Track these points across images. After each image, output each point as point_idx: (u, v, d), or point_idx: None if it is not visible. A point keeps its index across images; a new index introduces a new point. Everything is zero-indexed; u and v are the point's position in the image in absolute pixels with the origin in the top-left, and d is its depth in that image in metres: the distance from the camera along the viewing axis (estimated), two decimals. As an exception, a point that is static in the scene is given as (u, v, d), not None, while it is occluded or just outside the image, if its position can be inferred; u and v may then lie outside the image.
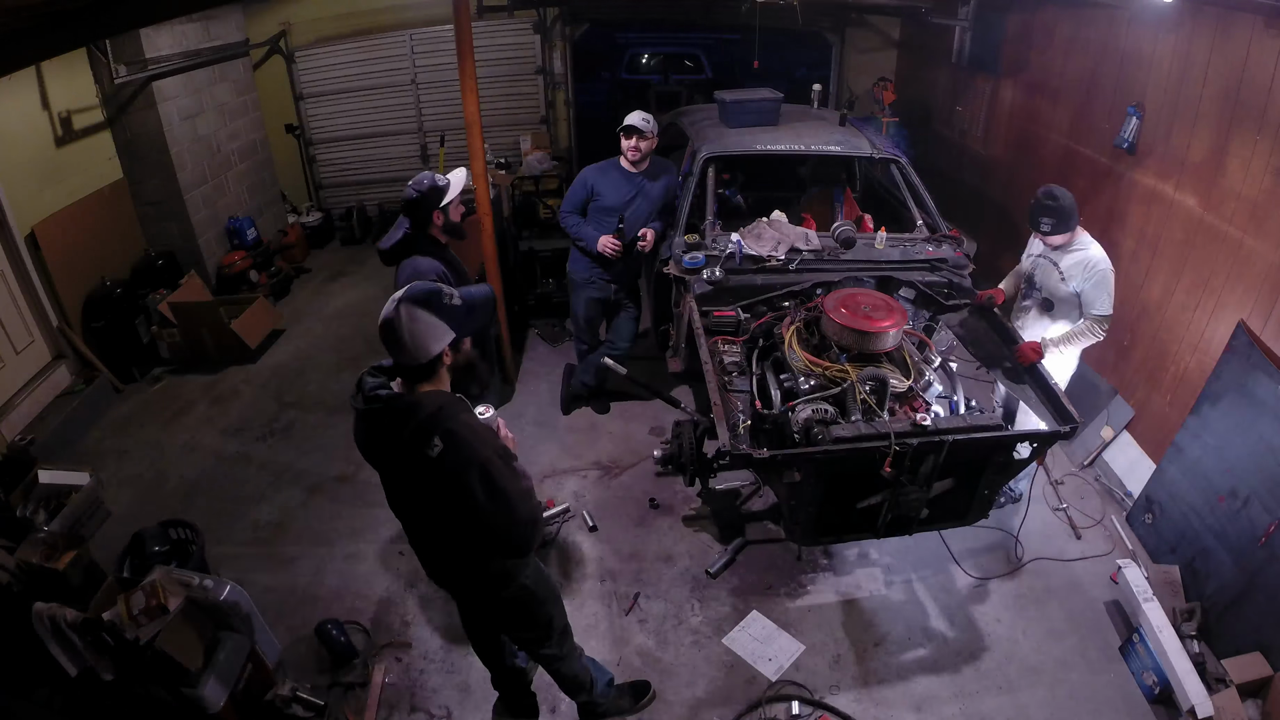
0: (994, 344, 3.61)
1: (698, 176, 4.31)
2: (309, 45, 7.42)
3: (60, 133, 5.09)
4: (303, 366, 5.52)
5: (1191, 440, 3.48)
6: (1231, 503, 3.20)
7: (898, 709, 3.03)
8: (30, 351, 4.82)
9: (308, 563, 3.76)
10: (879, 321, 3.16)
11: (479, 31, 5.41)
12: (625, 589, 3.57)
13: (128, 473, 4.40)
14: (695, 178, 4.30)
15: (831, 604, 3.49)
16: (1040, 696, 3.05)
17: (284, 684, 3.04)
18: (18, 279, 4.73)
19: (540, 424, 4.77)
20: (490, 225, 4.55)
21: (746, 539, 3.80)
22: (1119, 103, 4.13)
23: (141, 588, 2.68)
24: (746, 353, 3.57)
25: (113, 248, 5.51)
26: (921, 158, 7.06)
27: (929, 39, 6.81)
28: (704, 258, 3.93)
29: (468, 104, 4.11)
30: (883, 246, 4.08)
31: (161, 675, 2.60)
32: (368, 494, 4.21)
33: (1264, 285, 3.22)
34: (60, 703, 2.84)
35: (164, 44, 5.63)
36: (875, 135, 4.86)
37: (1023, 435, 2.97)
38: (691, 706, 3.05)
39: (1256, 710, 2.88)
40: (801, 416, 2.99)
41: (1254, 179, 3.27)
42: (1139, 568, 3.33)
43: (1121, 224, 4.20)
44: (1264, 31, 3.16)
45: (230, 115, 6.66)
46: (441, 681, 3.16)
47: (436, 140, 7.24)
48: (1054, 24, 4.87)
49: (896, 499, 2.93)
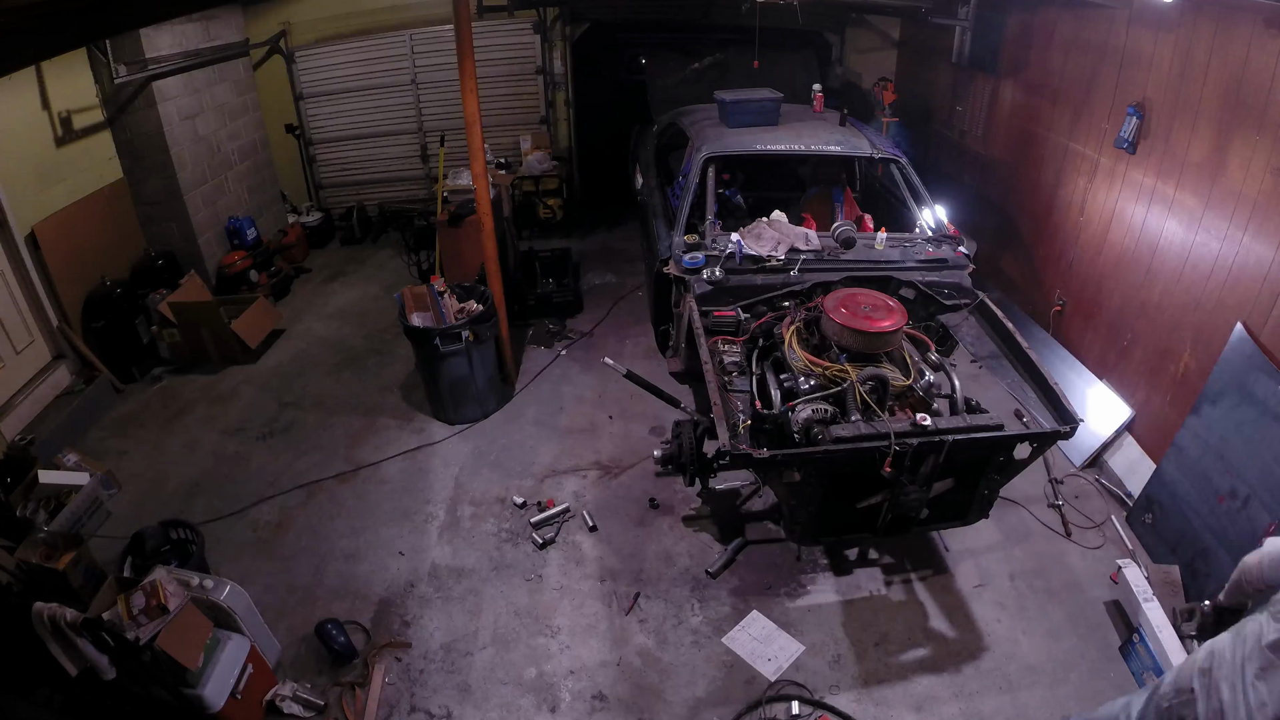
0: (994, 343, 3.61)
1: (698, 176, 4.31)
2: (309, 45, 7.42)
3: (60, 133, 5.09)
4: (303, 366, 5.51)
5: (1191, 440, 3.48)
6: (1231, 503, 3.20)
7: (898, 709, 3.03)
8: (30, 351, 4.82)
9: (308, 563, 3.76)
10: (879, 321, 3.17)
11: (479, 31, 5.42)
12: (625, 589, 3.57)
13: (128, 473, 4.40)
14: (695, 178, 4.30)
15: (831, 604, 3.49)
16: (1040, 696, 3.05)
17: (284, 684, 3.05)
18: (18, 279, 4.73)
19: (540, 424, 4.77)
20: (490, 225, 4.55)
21: (746, 539, 3.80)
22: (1119, 103, 4.13)
23: (141, 588, 2.68)
24: (746, 353, 3.58)
25: (113, 248, 5.51)
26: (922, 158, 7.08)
27: (929, 39, 6.81)
28: (704, 258, 3.93)
29: (468, 104, 4.11)
30: (883, 247, 4.08)
31: (161, 675, 2.60)
32: (368, 494, 4.21)
33: (1264, 286, 3.22)
34: (60, 703, 2.84)
35: (164, 44, 5.63)
36: (875, 135, 4.86)
37: (1023, 435, 2.97)
38: (691, 706, 3.05)
39: (1256, 710, 2.88)
40: (801, 416, 2.99)
41: (1254, 179, 3.27)
42: (1139, 568, 3.33)
43: (1122, 224, 4.20)
44: (1264, 31, 3.16)
45: (230, 115, 6.66)
46: (441, 681, 3.16)
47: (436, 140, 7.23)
48: (1054, 24, 4.87)
49: (896, 499, 2.94)
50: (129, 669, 2.60)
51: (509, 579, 3.65)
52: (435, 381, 4.62)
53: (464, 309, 4.56)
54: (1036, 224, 5.14)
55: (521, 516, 4.00)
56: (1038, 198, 5.11)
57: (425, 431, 4.71)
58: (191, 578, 2.91)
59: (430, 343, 4.36)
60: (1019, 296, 5.40)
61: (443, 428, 4.74)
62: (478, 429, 4.72)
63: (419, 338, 4.41)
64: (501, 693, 3.11)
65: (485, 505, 4.11)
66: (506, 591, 3.58)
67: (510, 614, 3.46)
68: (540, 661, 3.24)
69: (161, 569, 2.81)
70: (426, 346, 4.41)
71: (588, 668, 3.21)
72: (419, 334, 4.38)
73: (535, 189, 7.27)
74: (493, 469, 4.39)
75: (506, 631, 3.38)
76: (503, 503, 4.11)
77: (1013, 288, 5.52)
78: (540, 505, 4.04)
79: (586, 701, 3.08)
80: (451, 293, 4.61)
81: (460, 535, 3.92)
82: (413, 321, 4.41)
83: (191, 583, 2.87)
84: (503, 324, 4.78)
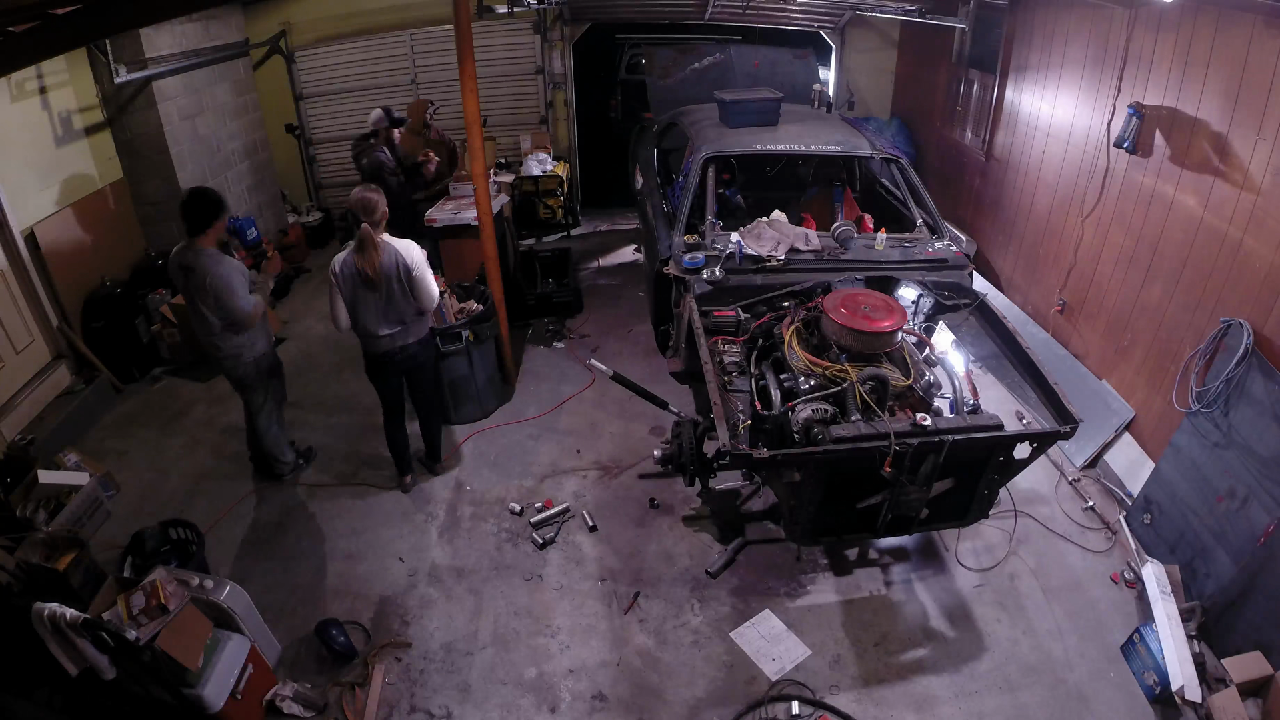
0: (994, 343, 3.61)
1: (698, 176, 4.30)
2: (309, 45, 7.42)
3: (60, 133, 5.09)
4: (302, 366, 5.51)
5: (1190, 440, 3.48)
6: (1230, 503, 3.20)
7: (898, 709, 3.03)
8: (30, 351, 4.82)
9: (308, 563, 3.76)
10: (879, 321, 3.17)
11: (479, 31, 5.41)
12: (625, 589, 3.57)
13: (128, 473, 4.40)
14: (695, 178, 4.30)
15: (831, 604, 3.49)
16: (1040, 696, 3.05)
17: (284, 684, 3.04)
18: (18, 279, 4.73)
19: (540, 424, 4.77)
20: (490, 225, 4.55)
21: (746, 539, 3.80)
22: (1119, 103, 4.13)
23: (141, 588, 2.68)
24: (746, 353, 3.57)
25: (113, 248, 5.51)
26: (921, 158, 7.08)
27: (929, 39, 6.82)
28: (704, 258, 3.93)
29: (468, 104, 4.11)
30: (883, 247, 4.08)
31: (161, 675, 2.60)
32: (368, 494, 4.21)
33: (1264, 285, 3.22)
34: (60, 703, 2.83)
35: (164, 44, 5.63)
36: (875, 135, 4.86)
37: (1022, 435, 2.97)
38: (691, 706, 3.05)
39: (1257, 710, 2.88)
40: (801, 416, 2.99)
41: (1254, 179, 3.27)
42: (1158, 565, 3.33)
43: (1122, 224, 4.20)
44: (1264, 31, 3.16)
45: (230, 115, 6.66)
46: (441, 681, 3.16)
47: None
48: (1053, 23, 4.88)
49: (896, 499, 2.93)
50: (129, 669, 2.59)
51: (509, 579, 3.65)
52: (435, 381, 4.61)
53: (464, 309, 4.56)
54: (1037, 224, 5.15)
55: (521, 517, 4.00)
56: (1038, 197, 5.11)
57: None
58: (191, 578, 2.91)
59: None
60: (1019, 296, 5.40)
61: (442, 427, 4.74)
62: (477, 428, 4.72)
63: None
64: (501, 693, 3.11)
65: (485, 505, 4.11)
66: (506, 591, 3.58)
67: (510, 614, 3.46)
68: (540, 661, 3.24)
69: (161, 569, 2.81)
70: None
71: (588, 668, 3.21)
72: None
73: (535, 189, 7.27)
74: (493, 469, 4.39)
75: (506, 631, 3.38)
76: (502, 503, 4.11)
77: (1013, 288, 5.52)
78: (539, 506, 4.04)
79: (586, 701, 3.08)
80: (451, 293, 4.61)
81: (460, 535, 3.91)
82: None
83: (191, 583, 2.87)
84: (503, 324, 4.78)
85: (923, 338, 3.59)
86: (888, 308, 3.27)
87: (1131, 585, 3.50)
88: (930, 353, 3.57)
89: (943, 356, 3.50)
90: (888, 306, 3.28)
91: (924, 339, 3.61)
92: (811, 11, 7.37)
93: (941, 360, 3.45)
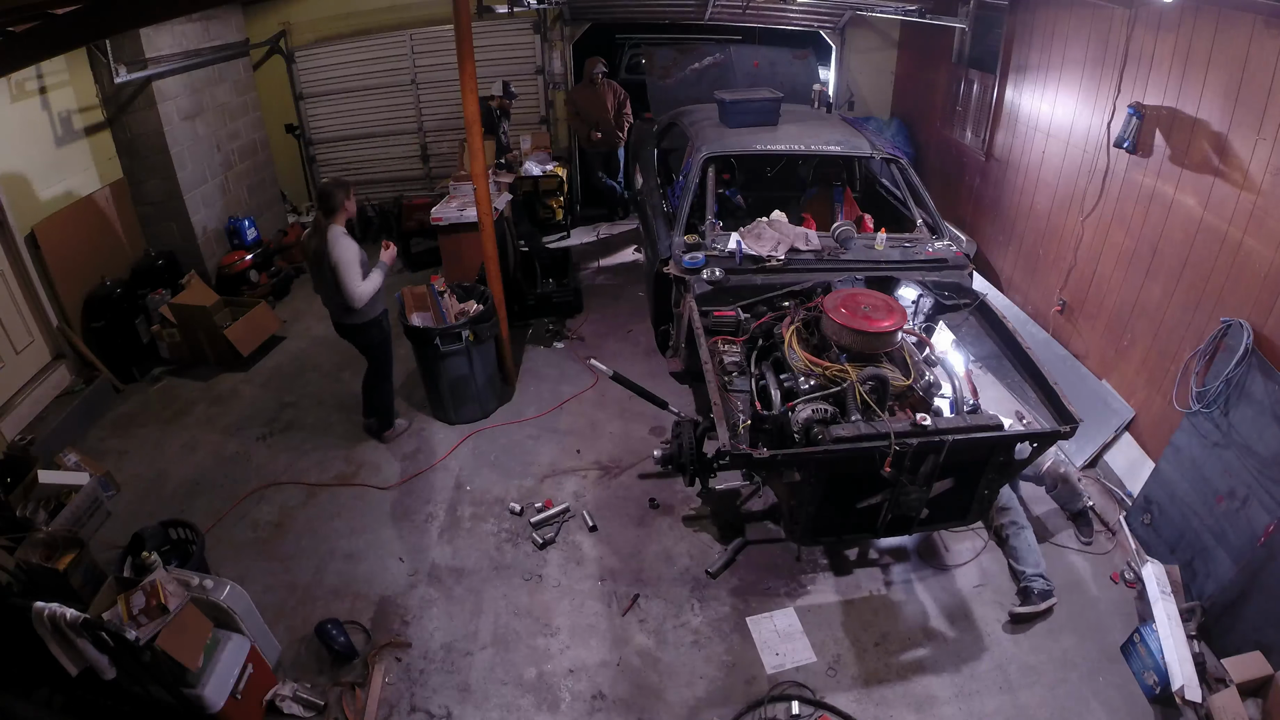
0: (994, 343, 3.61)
1: (698, 176, 4.30)
2: (309, 45, 7.42)
3: (60, 133, 5.09)
4: (302, 366, 5.52)
5: (1190, 440, 3.48)
6: (1230, 503, 3.20)
7: (898, 709, 3.03)
8: (30, 351, 4.82)
9: (308, 563, 3.76)
10: (879, 321, 3.17)
11: (479, 31, 5.41)
12: (625, 589, 3.57)
13: (128, 473, 4.40)
14: (695, 178, 4.30)
15: (831, 604, 3.49)
16: (1040, 696, 3.05)
17: (284, 684, 3.05)
18: (18, 279, 4.73)
19: (540, 424, 4.77)
20: (490, 225, 4.55)
21: (746, 539, 3.80)
22: (1119, 103, 4.13)
23: (141, 588, 2.68)
24: (746, 353, 3.58)
25: (113, 248, 5.51)
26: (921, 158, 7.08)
27: (929, 39, 6.81)
28: (704, 258, 3.94)
29: (468, 104, 4.11)
30: (882, 247, 4.08)
31: (161, 675, 2.60)
32: (368, 494, 4.21)
33: (1264, 285, 3.22)
34: (60, 703, 2.84)
35: (164, 44, 5.63)
36: (875, 135, 4.87)
37: (1022, 435, 2.97)
38: (691, 706, 3.05)
39: (1257, 710, 2.88)
40: (801, 416, 2.99)
41: (1254, 179, 3.27)
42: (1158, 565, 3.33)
43: (1122, 224, 4.20)
44: (1264, 31, 3.16)
45: (230, 115, 6.66)
46: (441, 681, 3.16)
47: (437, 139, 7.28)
48: (1053, 23, 4.87)
49: (896, 499, 2.94)
50: (129, 669, 2.59)
51: (509, 579, 3.65)
52: (435, 381, 4.62)
53: (464, 309, 4.57)
54: (1037, 224, 5.15)
55: (520, 517, 4.00)
56: (1038, 197, 5.11)
57: (425, 431, 4.72)
58: (191, 578, 2.91)
59: (430, 343, 4.37)
60: (1019, 296, 5.40)
61: (442, 427, 4.74)
62: (477, 428, 4.72)
63: (419, 338, 4.41)
64: (501, 693, 3.11)
65: (485, 505, 4.11)
66: (506, 591, 3.58)
67: (510, 614, 3.46)
68: (540, 661, 3.24)
69: (161, 569, 2.81)
70: (426, 346, 4.41)
71: (587, 668, 3.21)
72: (419, 334, 4.38)
73: (535, 189, 7.27)
74: (493, 469, 4.39)
75: (506, 631, 3.38)
76: (502, 503, 4.11)
77: (1013, 288, 5.52)
78: (539, 506, 4.04)
79: (586, 701, 3.08)
80: (451, 293, 4.61)
81: (460, 535, 3.92)
82: (412, 321, 4.41)
83: (191, 583, 2.87)
84: (502, 324, 4.78)
85: (923, 338, 3.59)
86: (888, 308, 3.27)
87: (1131, 585, 3.50)
88: (930, 353, 3.56)
89: (943, 356, 3.50)
90: (888, 306, 3.28)
91: (924, 339, 3.61)
92: (811, 12, 7.37)
93: (941, 360, 3.46)
